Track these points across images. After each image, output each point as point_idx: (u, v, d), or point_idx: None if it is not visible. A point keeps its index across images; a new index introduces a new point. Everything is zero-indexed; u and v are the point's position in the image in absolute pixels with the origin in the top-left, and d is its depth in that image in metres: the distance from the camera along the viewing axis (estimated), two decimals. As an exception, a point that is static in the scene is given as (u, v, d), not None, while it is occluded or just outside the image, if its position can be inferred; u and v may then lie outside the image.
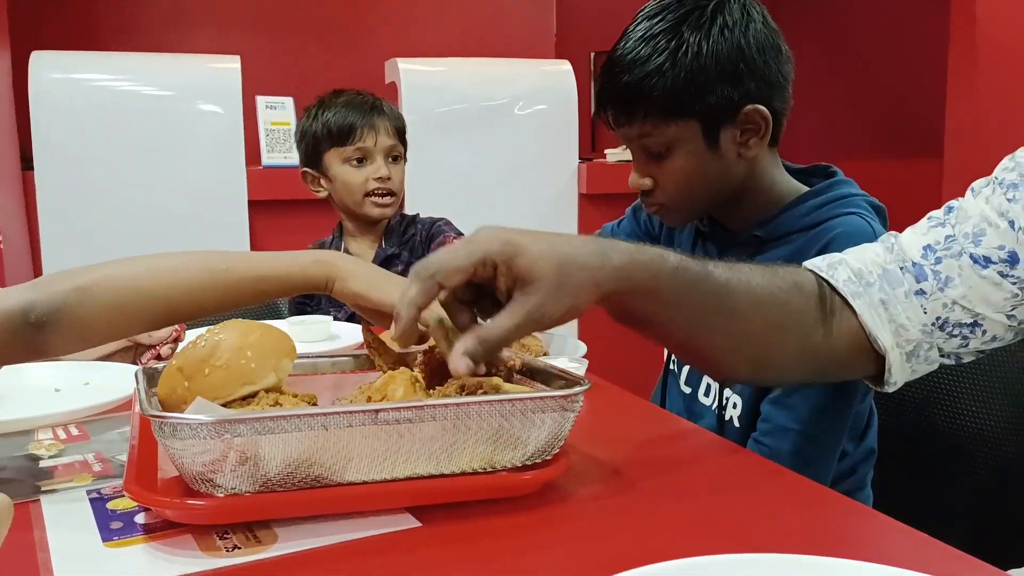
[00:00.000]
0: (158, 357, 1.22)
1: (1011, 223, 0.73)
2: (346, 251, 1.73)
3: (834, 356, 0.78)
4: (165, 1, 3.20)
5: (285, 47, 3.27)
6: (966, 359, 0.80)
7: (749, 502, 0.72)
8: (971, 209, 0.76)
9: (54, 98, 2.54)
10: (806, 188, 1.09)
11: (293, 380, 0.77)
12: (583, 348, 1.22)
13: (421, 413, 0.63)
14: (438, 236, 1.70)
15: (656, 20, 1.00)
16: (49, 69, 2.56)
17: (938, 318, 0.76)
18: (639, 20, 1.02)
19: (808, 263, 0.80)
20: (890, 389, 0.80)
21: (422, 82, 2.87)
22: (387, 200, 1.71)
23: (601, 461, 0.81)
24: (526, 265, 0.64)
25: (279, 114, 2.80)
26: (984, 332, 0.76)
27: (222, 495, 0.61)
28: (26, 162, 2.60)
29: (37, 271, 2.54)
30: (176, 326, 1.24)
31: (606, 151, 3.27)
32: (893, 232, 0.81)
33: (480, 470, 0.67)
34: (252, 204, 2.71)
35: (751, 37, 0.98)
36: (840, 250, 0.83)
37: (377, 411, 0.63)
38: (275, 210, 2.73)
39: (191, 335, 1.27)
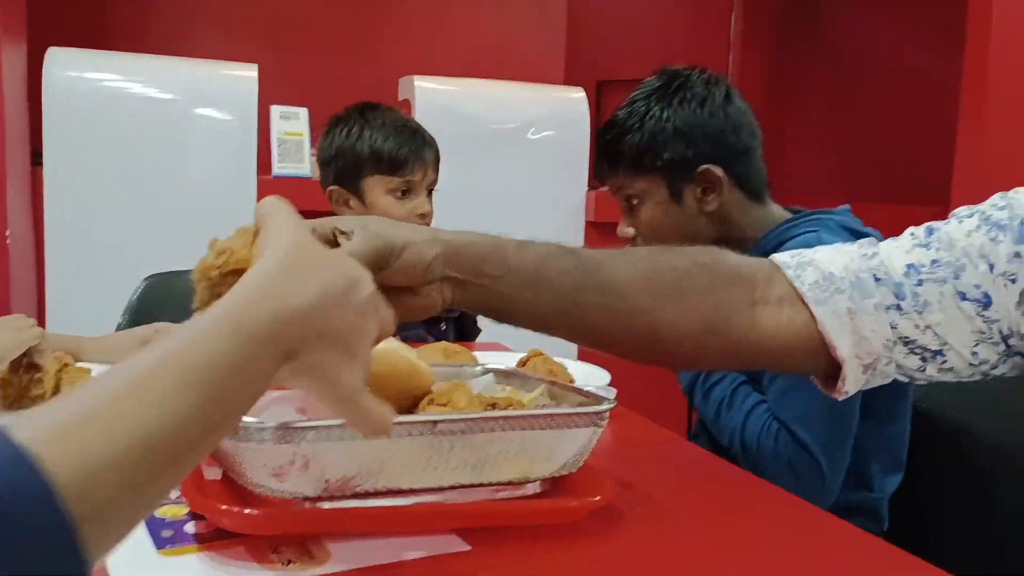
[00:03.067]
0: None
1: (991, 266, 0.72)
2: None
3: (763, 346, 0.76)
4: (183, 5, 3.21)
5: (301, 58, 3.28)
6: (919, 381, 0.79)
7: (773, 536, 0.73)
8: (955, 238, 0.74)
9: (67, 95, 2.53)
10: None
11: None
12: (607, 376, 1.23)
13: (473, 425, 0.65)
14: None
15: (639, 92, 1.23)
16: (64, 67, 2.55)
17: (905, 336, 0.74)
18: (632, 93, 1.24)
19: (776, 257, 0.79)
20: (840, 397, 0.79)
21: (436, 101, 2.88)
22: None
23: (638, 492, 0.81)
24: (359, 220, 0.68)
25: (293, 124, 2.80)
26: (944, 362, 0.75)
27: (284, 499, 0.62)
28: (35, 157, 2.59)
29: (40, 268, 2.52)
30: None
31: (612, 179, 3.29)
32: (872, 239, 0.80)
33: (516, 480, 0.70)
34: (260, 212, 2.71)
35: (707, 109, 1.19)
36: None
37: (436, 422, 0.64)
38: (283, 220, 2.72)
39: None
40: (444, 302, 0.70)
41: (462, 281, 0.70)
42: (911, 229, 0.78)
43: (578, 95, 3.06)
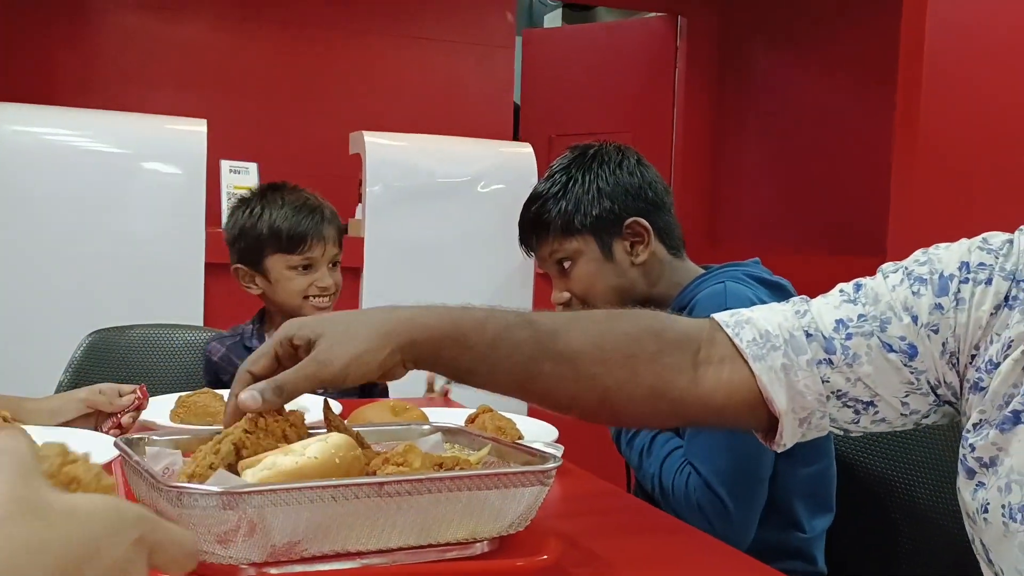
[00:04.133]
0: (119, 426, 1.19)
1: (914, 318, 0.75)
2: (265, 338, 1.70)
3: (706, 404, 0.79)
4: (131, 60, 3.22)
5: (251, 112, 3.30)
6: (854, 434, 0.82)
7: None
8: (881, 292, 0.78)
9: (13, 150, 2.51)
10: None
11: None
12: (555, 433, 1.25)
13: (419, 486, 0.67)
14: None
15: (556, 165, 1.32)
16: (9, 122, 2.54)
17: (838, 390, 0.77)
18: (550, 167, 1.33)
19: (716, 316, 0.83)
20: (779, 449, 0.82)
21: (387, 155, 2.92)
22: (325, 302, 1.71)
23: (583, 548, 0.83)
24: (313, 327, 0.73)
25: (242, 178, 2.81)
26: (876, 412, 0.78)
27: (230, 565, 0.62)
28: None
29: (-20, 324, 2.46)
30: (138, 392, 1.21)
31: (561, 231, 3.34)
32: (804, 297, 0.83)
33: (463, 540, 0.71)
34: (209, 266, 2.69)
35: (625, 169, 1.28)
36: (700, 315, 0.87)
37: (382, 484, 0.65)
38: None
39: (156, 402, 1.26)
40: (401, 375, 0.75)
41: (419, 362, 0.75)
42: (841, 285, 0.82)
43: (526, 150, 3.13)
